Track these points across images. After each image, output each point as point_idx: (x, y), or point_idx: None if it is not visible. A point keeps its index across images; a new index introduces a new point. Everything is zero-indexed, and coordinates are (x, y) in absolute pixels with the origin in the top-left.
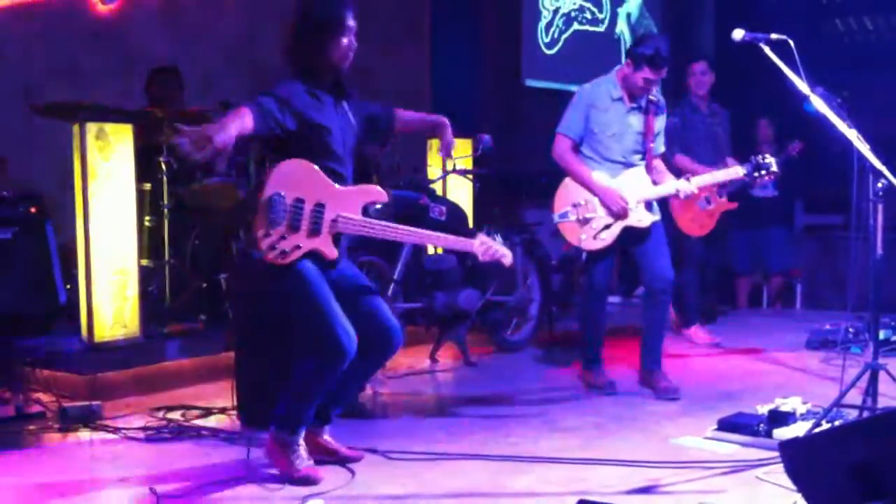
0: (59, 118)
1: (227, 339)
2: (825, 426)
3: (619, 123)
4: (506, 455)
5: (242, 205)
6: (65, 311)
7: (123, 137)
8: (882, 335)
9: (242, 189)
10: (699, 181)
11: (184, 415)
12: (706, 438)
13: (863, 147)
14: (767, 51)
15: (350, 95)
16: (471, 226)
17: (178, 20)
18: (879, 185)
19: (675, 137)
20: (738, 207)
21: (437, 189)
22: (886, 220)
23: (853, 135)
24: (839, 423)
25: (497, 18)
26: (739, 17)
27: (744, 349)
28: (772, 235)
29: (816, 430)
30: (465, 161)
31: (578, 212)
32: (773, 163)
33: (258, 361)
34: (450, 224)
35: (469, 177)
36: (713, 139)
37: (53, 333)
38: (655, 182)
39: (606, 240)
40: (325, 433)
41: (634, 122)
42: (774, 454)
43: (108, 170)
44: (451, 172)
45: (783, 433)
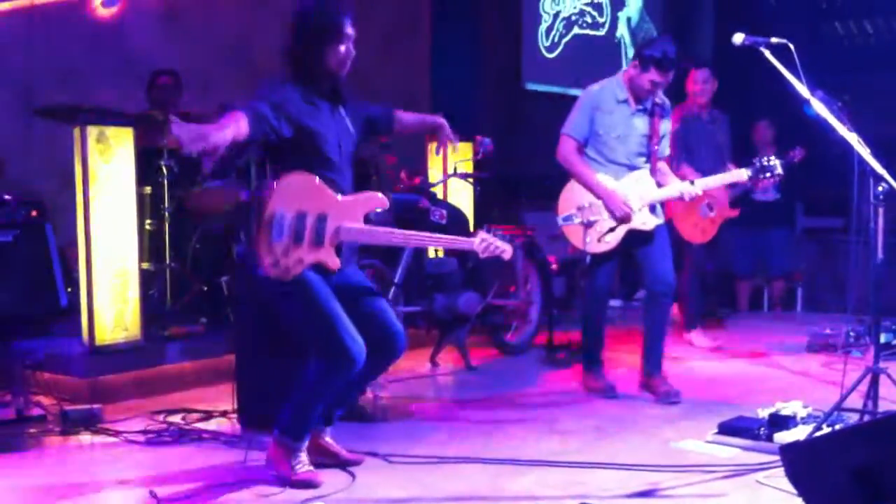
0: (60, 121)
1: (229, 342)
2: (826, 430)
3: (624, 125)
4: (506, 458)
5: (243, 207)
6: (66, 314)
7: (124, 140)
8: (883, 339)
9: (243, 191)
10: (704, 183)
11: (184, 418)
12: (707, 442)
13: (863, 150)
14: (768, 54)
15: (347, 101)
16: (471, 229)
17: (178, 23)
18: (880, 189)
19: (677, 145)
20: (740, 210)
21: (438, 192)
22: (887, 224)
23: (853, 138)
24: (840, 427)
25: (497, 21)
26: (739, 21)
27: (744, 353)
28: (773, 238)
29: (817, 434)
30: (466, 164)
31: (583, 215)
32: (779, 165)
33: (259, 364)
34: (450, 227)
35: (470, 180)
36: (714, 146)
37: (54, 336)
38: (660, 185)
39: (611, 243)
40: (327, 435)
41: (639, 125)
42: (775, 458)
43: (109, 173)
44: (452, 176)
45: (784, 437)
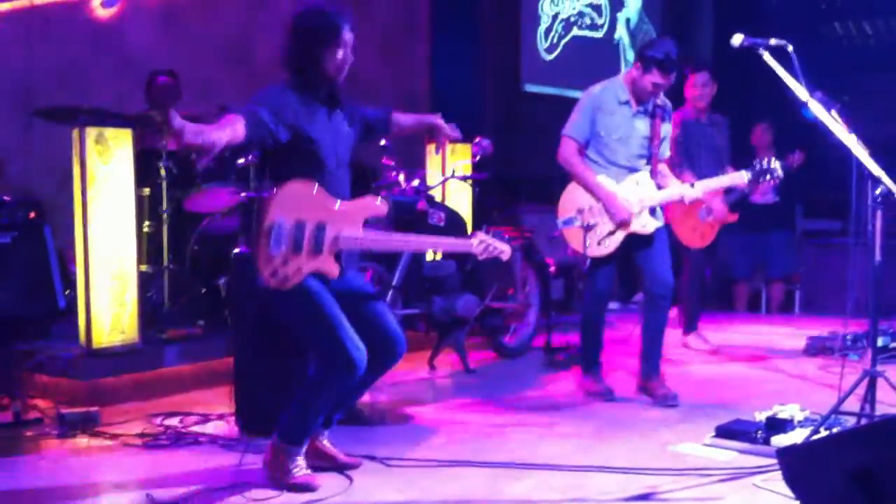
0: (59, 122)
1: (227, 345)
2: (823, 433)
3: (626, 127)
4: (504, 462)
5: (243, 209)
6: (64, 316)
7: (123, 142)
8: (880, 342)
9: (243, 192)
10: (704, 185)
11: (182, 421)
12: (704, 445)
13: (862, 153)
14: (766, 57)
15: (344, 105)
16: (469, 231)
17: (178, 24)
18: (878, 192)
19: (678, 151)
20: (739, 214)
21: (437, 195)
22: (885, 226)
23: (852, 140)
24: (837, 431)
25: (497, 23)
26: (738, 22)
27: (742, 356)
28: (772, 240)
29: (814, 438)
30: (465, 166)
31: (583, 217)
32: (779, 167)
33: (258, 367)
34: (448, 230)
35: (468, 182)
36: (714, 150)
37: (52, 339)
38: (660, 187)
39: (610, 246)
40: (325, 438)
41: (641, 127)
42: (772, 461)
43: (108, 174)
44: (451, 177)
45: (781, 440)
